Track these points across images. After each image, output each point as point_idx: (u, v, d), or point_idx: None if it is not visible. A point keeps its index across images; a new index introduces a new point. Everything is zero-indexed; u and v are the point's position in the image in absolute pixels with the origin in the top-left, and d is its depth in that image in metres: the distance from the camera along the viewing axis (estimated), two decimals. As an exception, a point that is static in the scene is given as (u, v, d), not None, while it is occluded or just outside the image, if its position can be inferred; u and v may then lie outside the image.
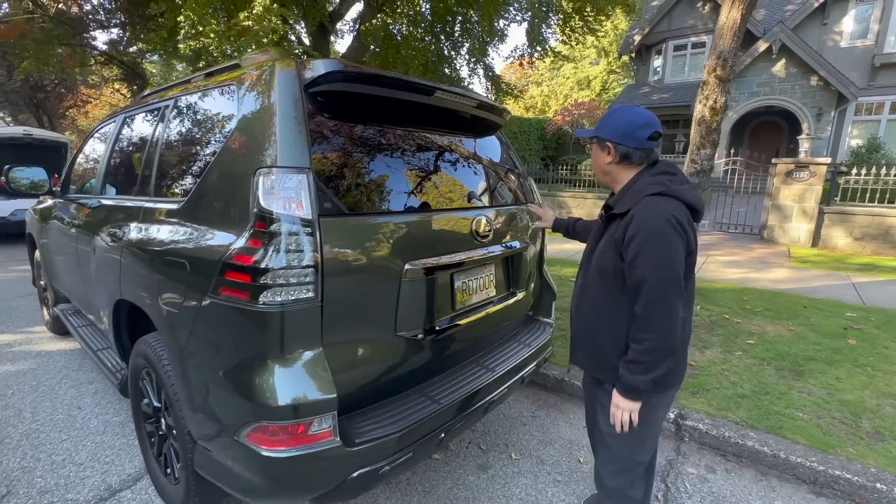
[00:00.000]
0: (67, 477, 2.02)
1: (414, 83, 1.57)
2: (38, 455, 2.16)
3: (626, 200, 1.28)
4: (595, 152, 1.38)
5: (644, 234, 1.18)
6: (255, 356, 1.22)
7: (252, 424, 1.21)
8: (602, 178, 1.43)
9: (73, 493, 1.92)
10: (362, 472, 1.31)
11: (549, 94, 40.50)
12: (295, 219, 1.22)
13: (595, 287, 1.36)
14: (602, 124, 1.35)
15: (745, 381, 2.77)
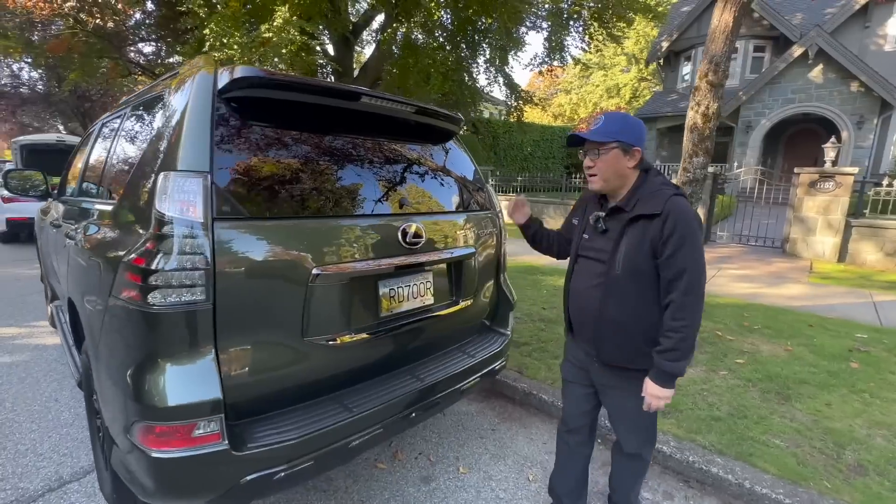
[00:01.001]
0: (25, 466, 2.11)
1: (332, 88, 1.57)
2: (5, 444, 2.27)
3: (652, 201, 1.36)
4: (614, 157, 1.39)
5: (682, 229, 1.31)
6: (145, 356, 1.24)
7: (139, 424, 1.23)
8: (612, 183, 1.43)
9: (25, 482, 2.00)
10: (254, 478, 1.31)
11: (579, 102, 40.02)
12: (187, 222, 1.23)
13: (626, 288, 1.40)
14: (621, 129, 1.38)
15: (724, 403, 2.61)
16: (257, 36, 8.41)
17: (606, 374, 1.54)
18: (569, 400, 1.74)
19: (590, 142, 1.42)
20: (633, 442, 1.62)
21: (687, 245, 1.31)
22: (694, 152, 3.51)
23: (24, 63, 15.24)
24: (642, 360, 1.42)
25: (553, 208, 10.70)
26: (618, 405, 1.58)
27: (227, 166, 1.35)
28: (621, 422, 1.61)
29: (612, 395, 1.57)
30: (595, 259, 1.49)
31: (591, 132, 1.39)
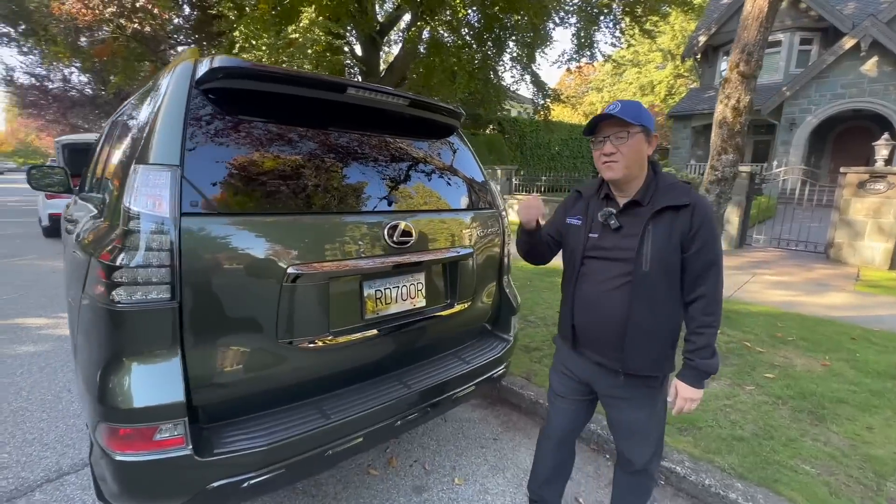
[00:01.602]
0: (30, 455, 2.15)
1: (316, 80, 1.51)
2: (15, 432, 2.33)
3: (675, 194, 1.31)
4: (639, 142, 1.31)
5: (710, 222, 1.29)
6: (109, 356, 1.20)
7: (102, 424, 1.19)
8: (633, 171, 1.33)
9: (27, 472, 2.04)
10: (221, 485, 1.25)
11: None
12: (153, 217, 1.19)
13: (656, 286, 1.31)
14: (642, 114, 1.31)
15: (749, 422, 2.39)
16: (284, 37, 8.54)
17: (622, 386, 1.41)
18: (558, 414, 1.61)
19: (612, 126, 1.31)
20: (642, 456, 1.49)
21: (715, 238, 1.30)
22: (723, 149, 3.26)
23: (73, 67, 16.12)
24: (668, 366, 1.38)
25: (578, 209, 10.38)
26: (629, 418, 1.46)
27: (200, 159, 1.30)
28: (630, 436, 1.48)
29: (623, 407, 1.45)
30: (612, 259, 1.36)
31: (620, 111, 1.28)
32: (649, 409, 1.42)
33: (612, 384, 1.43)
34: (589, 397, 1.55)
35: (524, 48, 11.73)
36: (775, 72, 15.77)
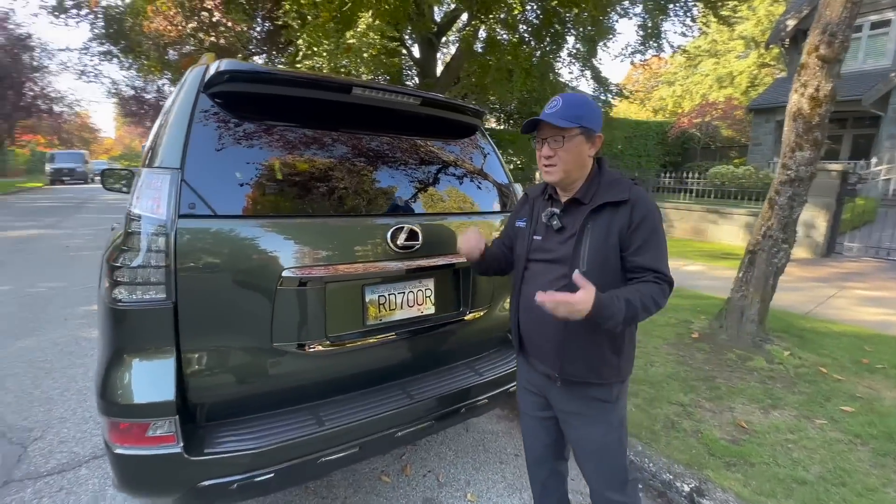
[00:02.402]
0: (84, 432, 2.36)
1: (320, 81, 1.49)
2: (76, 409, 2.57)
3: (615, 190, 1.24)
4: (578, 144, 1.24)
5: (651, 218, 1.21)
6: (111, 353, 1.26)
7: (104, 419, 1.25)
8: (573, 174, 1.27)
9: (79, 447, 2.24)
10: (210, 484, 1.27)
11: (683, 95, 36.46)
12: (152, 219, 1.23)
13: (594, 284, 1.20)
14: (583, 113, 1.23)
15: (816, 462, 2.06)
16: (342, 42, 8.84)
17: (567, 397, 1.33)
18: (527, 433, 1.53)
19: (549, 128, 1.24)
20: (610, 483, 1.35)
21: (657, 233, 1.21)
22: (797, 145, 2.84)
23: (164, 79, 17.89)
24: (608, 372, 1.27)
25: (638, 211, 9.75)
26: (583, 436, 1.34)
27: (202, 162, 1.32)
28: (589, 457, 1.36)
29: (575, 424, 1.34)
30: (552, 261, 1.29)
31: (551, 115, 1.22)
32: (605, 426, 1.30)
33: (559, 396, 1.35)
34: (552, 413, 1.43)
35: (585, 43, 11.23)
36: (882, 56, 13.78)
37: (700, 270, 5.96)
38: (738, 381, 2.79)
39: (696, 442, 2.22)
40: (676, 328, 3.69)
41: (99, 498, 1.89)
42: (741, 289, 3.25)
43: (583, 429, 1.33)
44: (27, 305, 4.25)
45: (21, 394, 2.69)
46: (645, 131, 20.37)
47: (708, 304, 4.27)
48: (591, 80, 12.37)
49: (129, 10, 11.22)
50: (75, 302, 4.36)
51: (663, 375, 2.87)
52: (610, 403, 1.30)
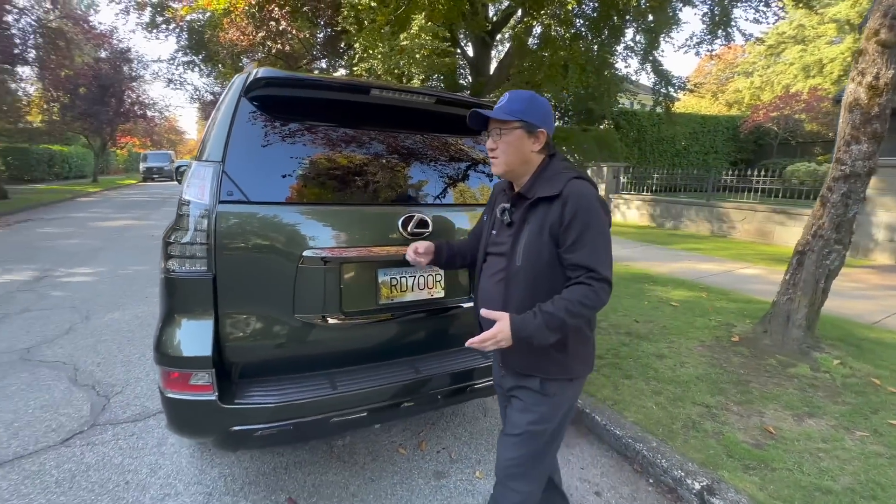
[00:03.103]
0: (153, 391, 2.75)
1: (343, 84, 1.66)
2: (149, 372, 2.98)
3: (550, 184, 1.24)
4: (517, 138, 1.27)
5: (585, 213, 1.18)
6: (164, 313, 1.52)
7: (158, 368, 1.51)
8: (515, 168, 1.31)
9: (149, 403, 2.62)
10: (239, 430, 1.49)
11: (762, 86, 33.54)
12: (196, 204, 1.47)
13: (527, 282, 1.25)
14: (526, 108, 1.26)
15: (846, 474, 1.95)
16: (396, 45, 9.17)
17: (512, 385, 1.37)
18: (502, 409, 1.55)
19: (492, 121, 1.30)
20: (504, 465, 1.34)
21: (592, 230, 1.17)
22: (853, 137, 2.63)
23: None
24: (549, 366, 1.27)
25: (695, 211, 9.22)
26: (511, 417, 1.36)
27: (239, 156, 1.55)
28: (509, 434, 1.35)
29: (514, 405, 1.36)
30: (499, 254, 1.33)
31: (496, 110, 1.27)
32: (532, 416, 1.30)
33: (507, 381, 1.38)
34: None
35: (645, 34, 10.73)
36: None
37: (757, 274, 5.57)
38: (773, 387, 2.66)
39: (716, 443, 2.17)
40: (715, 331, 3.53)
41: (161, 443, 2.23)
42: (788, 292, 3.06)
43: (513, 411, 1.35)
44: (117, 284, 4.92)
45: (108, 356, 3.17)
46: (713, 126, 19.02)
47: (756, 308, 4.02)
48: (651, 73, 11.82)
49: (209, 23, 12.36)
50: (155, 283, 4.97)
51: (692, 376, 2.80)
52: (543, 396, 1.29)
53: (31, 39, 12.67)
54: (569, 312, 1.15)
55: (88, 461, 2.07)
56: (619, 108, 15.97)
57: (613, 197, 11.32)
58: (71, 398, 2.61)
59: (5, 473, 1.97)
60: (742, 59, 36.55)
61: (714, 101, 38.38)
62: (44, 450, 2.14)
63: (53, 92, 16.67)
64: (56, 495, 1.85)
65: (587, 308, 1.16)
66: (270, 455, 2.15)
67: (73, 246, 6.96)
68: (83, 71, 18.10)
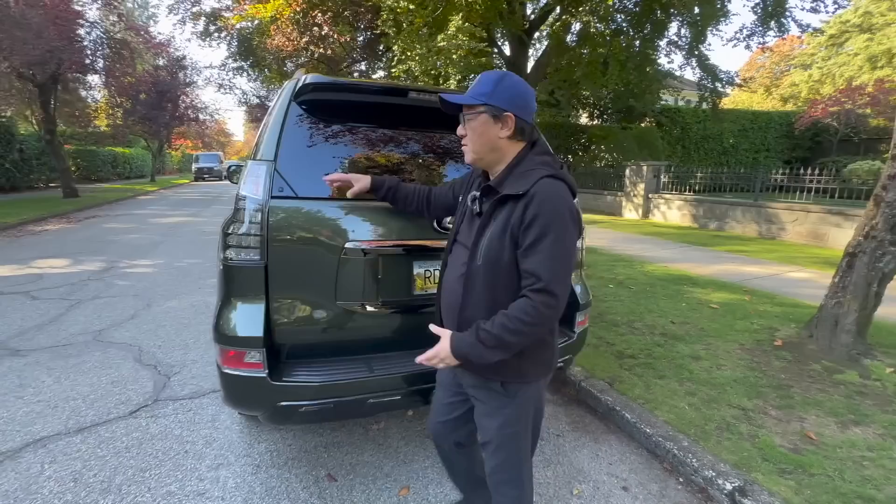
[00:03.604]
0: (207, 373, 2.98)
1: (383, 87, 1.77)
2: (203, 355, 3.23)
3: (520, 181, 1.16)
4: (483, 124, 1.19)
5: (548, 216, 1.09)
6: (221, 297, 1.69)
7: (216, 346, 1.68)
8: (485, 156, 1.24)
9: (203, 383, 2.85)
10: (286, 405, 1.64)
11: (823, 79, 31.40)
12: (251, 199, 1.62)
13: (486, 281, 1.20)
14: (493, 91, 1.18)
15: (892, 484, 1.87)
16: (433, 46, 9.31)
17: (471, 381, 1.32)
18: (434, 403, 1.54)
19: (464, 106, 1.23)
20: (489, 473, 1.35)
21: (550, 236, 1.08)
22: (912, 133, 2.49)
23: (283, 88, 20.21)
24: (506, 371, 1.22)
25: (741, 211, 8.80)
26: (481, 424, 1.34)
27: (289, 155, 1.69)
28: (486, 446, 1.34)
29: (478, 410, 1.34)
30: (465, 245, 1.28)
31: (468, 92, 1.20)
32: (499, 420, 1.27)
33: (467, 379, 1.33)
34: (462, 396, 1.42)
35: (691, 27, 10.33)
36: None
37: (807, 278, 5.29)
38: (817, 393, 2.56)
39: (750, 445, 2.14)
40: (757, 334, 3.41)
41: (215, 419, 2.43)
42: (836, 295, 2.92)
43: (481, 417, 1.33)
44: (174, 276, 5.31)
45: (168, 340, 3.46)
46: (764, 123, 18.04)
47: (802, 312, 3.84)
48: (696, 68, 11.37)
49: (256, 30, 12.99)
50: (207, 275, 5.34)
51: (729, 379, 2.74)
52: (506, 398, 1.27)
53: (99, 50, 13.76)
54: (507, 330, 1.10)
55: (153, 431, 2.30)
56: (661, 105, 15.46)
57: (653, 197, 10.99)
58: (136, 376, 2.89)
59: (85, 438, 2.23)
60: (799, 51, 34.36)
61: (767, 96, 36.26)
62: (115, 419, 2.40)
63: (118, 98, 18.02)
64: (126, 458, 2.08)
65: (527, 325, 1.09)
66: (312, 434, 2.31)
67: (134, 240, 7.56)
68: (144, 78, 19.47)
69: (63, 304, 4.18)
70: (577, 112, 17.18)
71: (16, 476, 1.94)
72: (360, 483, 1.97)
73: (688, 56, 11.15)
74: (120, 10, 14.53)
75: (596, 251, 6.85)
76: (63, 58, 11.14)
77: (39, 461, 2.04)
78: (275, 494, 1.89)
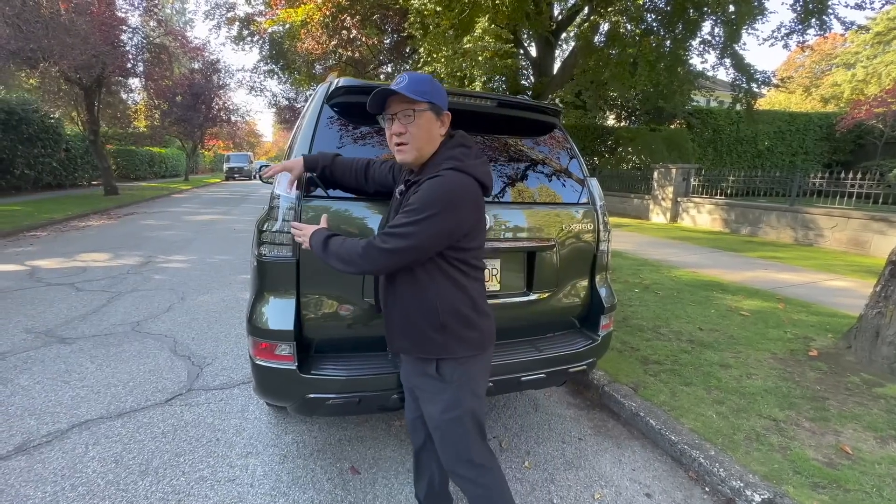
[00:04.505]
0: (238, 365, 3.10)
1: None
2: (233, 348, 3.36)
3: (430, 171, 1.25)
4: (428, 120, 1.26)
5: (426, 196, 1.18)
6: (255, 291, 1.76)
7: (249, 338, 1.75)
8: (424, 152, 1.29)
9: (234, 374, 2.96)
10: (314, 397, 1.69)
11: (866, 79, 29.96)
12: (285, 198, 1.69)
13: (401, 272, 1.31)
14: (431, 90, 1.25)
15: (935, 503, 1.78)
16: (459, 47, 9.35)
17: (407, 371, 1.43)
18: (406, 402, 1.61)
19: (399, 103, 1.25)
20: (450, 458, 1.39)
21: (419, 209, 1.17)
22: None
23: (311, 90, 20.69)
24: (430, 347, 1.30)
25: (776, 216, 8.47)
26: (426, 412, 1.40)
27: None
28: (433, 433, 1.40)
29: (420, 398, 1.41)
30: None
31: (403, 88, 1.21)
32: (441, 405, 1.33)
33: (404, 370, 1.45)
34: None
35: (725, 26, 10.02)
36: None
37: (847, 287, 5.06)
38: (854, 406, 2.46)
39: (781, 457, 2.07)
40: (791, 343, 3.29)
41: (244, 410, 2.53)
42: (878, 305, 2.79)
43: (424, 405, 1.39)
44: (206, 272, 5.52)
45: (200, 332, 3.60)
46: (803, 124, 17.32)
47: (840, 322, 3.68)
48: (730, 68, 11.02)
49: (287, 34, 13.35)
50: (238, 271, 5.52)
51: (760, 388, 2.66)
52: (441, 382, 1.32)
53: (140, 55, 14.42)
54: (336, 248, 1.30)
55: (187, 419, 2.41)
56: (692, 107, 15.05)
57: (682, 200, 10.71)
58: (172, 366, 3.02)
59: (125, 422, 2.35)
60: (842, 49, 32.83)
61: (807, 97, 34.79)
62: (152, 406, 2.52)
63: (156, 100, 18.83)
64: (163, 443, 2.19)
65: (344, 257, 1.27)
66: (336, 428, 2.37)
67: (170, 236, 7.88)
68: (180, 81, 20.28)
69: (104, 296, 4.40)
70: (604, 113, 16.90)
71: (63, 455, 2.07)
72: (382, 477, 2.01)
73: (721, 56, 10.82)
74: (159, 16, 15.19)
75: (621, 255, 6.73)
76: (107, 62, 11.73)
77: (84, 442, 2.17)
78: (301, 484, 1.95)
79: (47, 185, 14.24)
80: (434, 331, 1.29)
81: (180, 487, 1.89)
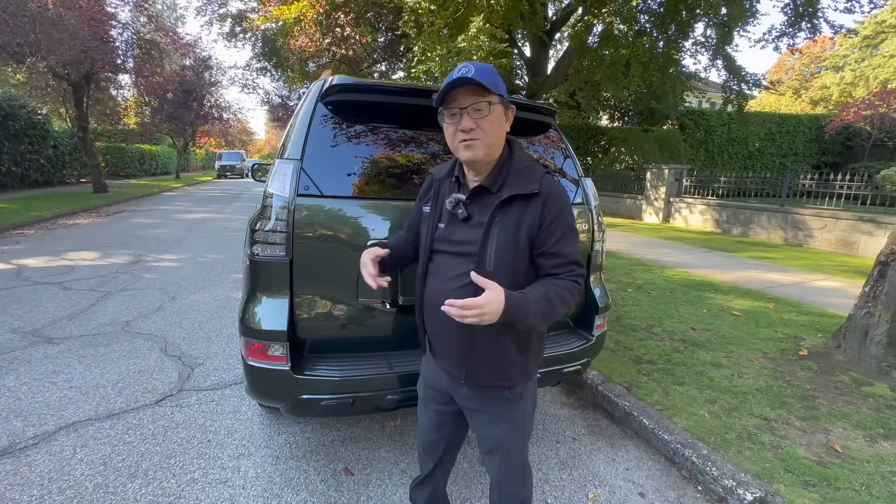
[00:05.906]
0: (229, 365, 3.06)
1: (409, 89, 1.79)
2: (225, 348, 3.32)
3: (525, 180, 1.13)
4: (498, 115, 1.11)
5: (566, 213, 1.15)
6: (248, 291, 1.73)
7: (241, 338, 1.73)
8: (494, 151, 1.15)
9: (225, 375, 2.92)
10: (307, 398, 1.67)
11: (854, 81, 30.43)
12: (278, 197, 1.66)
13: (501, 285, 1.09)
14: (500, 83, 1.10)
15: (923, 500, 1.81)
16: (454, 46, 9.34)
17: (471, 395, 1.26)
18: (422, 419, 1.46)
19: (469, 95, 1.08)
20: (509, 481, 1.33)
21: (574, 229, 1.15)
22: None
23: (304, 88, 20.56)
24: (515, 373, 1.21)
25: (766, 217, 8.57)
26: (486, 434, 1.30)
27: (314, 155, 1.73)
28: (493, 454, 1.31)
29: (480, 420, 1.29)
30: (457, 254, 1.18)
31: (476, 74, 1.04)
32: (508, 425, 1.25)
33: (465, 395, 1.26)
34: (453, 407, 1.35)
35: (718, 28, 10.11)
36: None
37: (835, 287, 5.13)
38: (844, 405, 2.49)
39: (773, 456, 2.09)
40: (781, 343, 3.33)
41: (236, 411, 2.50)
42: (867, 305, 2.83)
43: (486, 427, 1.28)
44: (197, 270, 5.46)
45: (192, 332, 3.56)
46: (792, 126, 17.54)
47: (830, 322, 3.73)
48: (722, 70, 11.12)
49: (280, 31, 13.24)
50: (230, 270, 5.47)
51: (751, 388, 2.68)
52: (514, 402, 1.25)
53: (130, 51, 14.22)
54: (561, 299, 1.09)
55: (177, 420, 2.38)
56: (684, 108, 15.18)
57: (674, 200, 10.79)
58: (162, 366, 2.98)
59: (114, 424, 2.32)
60: (831, 53, 33.31)
61: (796, 99, 35.26)
62: (142, 407, 2.48)
63: (146, 97, 18.58)
64: (153, 445, 2.15)
65: (573, 300, 1.13)
66: (329, 429, 2.35)
67: (160, 235, 7.78)
68: (171, 78, 20.02)
69: (93, 296, 4.34)
70: (598, 114, 16.99)
71: (50, 458, 2.03)
72: (376, 478, 2.00)
73: (713, 57, 10.92)
74: (150, 11, 14.99)
75: (614, 255, 6.77)
76: (96, 58, 11.55)
77: (72, 444, 2.13)
78: (294, 485, 1.93)
79: (35, 183, 14.00)
80: (520, 353, 1.18)
81: (171, 490, 1.87)
